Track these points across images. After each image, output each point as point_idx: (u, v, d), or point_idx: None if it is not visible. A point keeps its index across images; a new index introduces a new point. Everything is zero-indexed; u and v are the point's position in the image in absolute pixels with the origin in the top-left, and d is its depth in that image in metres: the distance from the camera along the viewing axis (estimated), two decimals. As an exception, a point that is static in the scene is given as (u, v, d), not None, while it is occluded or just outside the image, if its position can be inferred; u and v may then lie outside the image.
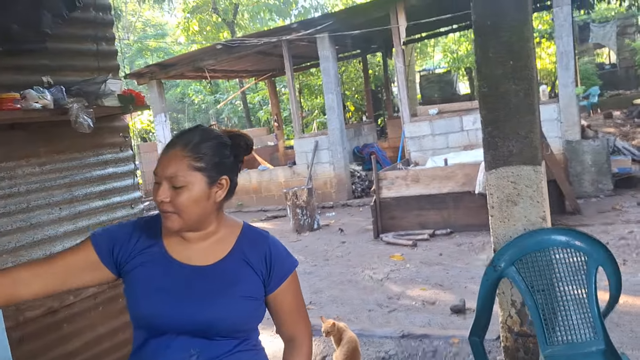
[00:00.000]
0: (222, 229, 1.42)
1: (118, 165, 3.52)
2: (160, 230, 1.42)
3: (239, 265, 1.38)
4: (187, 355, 1.31)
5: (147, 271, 1.37)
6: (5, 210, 2.80)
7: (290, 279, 1.44)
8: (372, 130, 14.33)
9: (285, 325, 1.47)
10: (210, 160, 1.33)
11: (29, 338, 2.80)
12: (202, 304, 1.32)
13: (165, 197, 1.30)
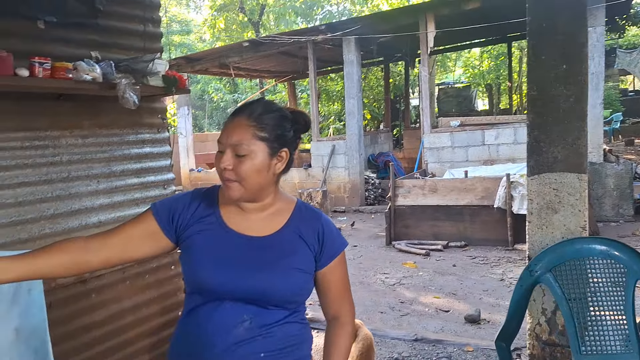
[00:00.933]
0: (277, 202, 1.46)
1: (155, 145, 3.58)
2: (218, 200, 1.46)
3: (294, 238, 1.42)
4: (241, 320, 1.35)
5: (205, 239, 1.40)
6: (47, 177, 2.85)
7: (340, 258, 1.48)
8: (388, 140, 14.37)
9: (331, 304, 1.50)
10: (272, 131, 1.35)
11: (58, 304, 2.83)
12: (258, 273, 1.36)
13: (229, 165, 1.34)
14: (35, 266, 1.29)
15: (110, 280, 3.20)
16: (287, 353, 1.40)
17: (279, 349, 1.38)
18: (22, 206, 2.70)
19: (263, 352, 1.36)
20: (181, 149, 13.07)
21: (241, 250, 1.38)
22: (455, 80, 22.65)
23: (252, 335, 1.35)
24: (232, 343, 1.34)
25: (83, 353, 2.98)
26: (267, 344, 1.36)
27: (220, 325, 1.35)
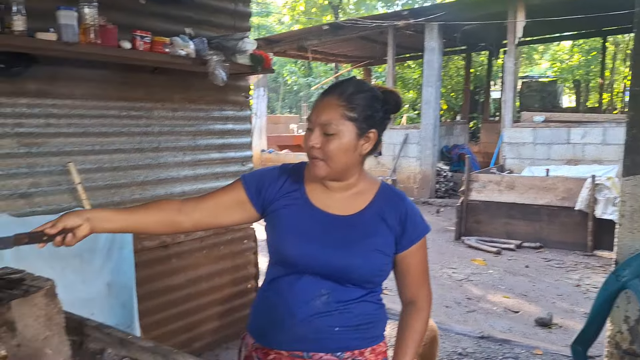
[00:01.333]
0: (361, 182, 1.46)
1: (237, 122, 3.70)
2: (304, 177, 1.48)
3: (376, 219, 1.42)
4: (319, 294, 1.38)
5: (290, 213, 1.43)
6: (140, 146, 3.02)
7: (421, 243, 1.46)
8: (464, 132, 13.97)
9: (408, 288, 1.49)
10: (362, 111, 1.35)
11: (142, 266, 3.01)
12: (340, 251, 1.38)
13: (316, 143, 1.34)
14: (134, 220, 1.39)
15: (189, 247, 3.38)
16: (362, 330, 1.42)
17: (355, 325, 1.40)
18: (117, 171, 2.89)
19: (338, 327, 1.38)
20: (254, 130, 13.38)
21: (324, 227, 1.41)
22: (540, 74, 21.60)
23: (329, 310, 1.38)
24: (310, 314, 1.37)
25: (162, 312, 3.17)
26: (343, 319, 1.39)
27: (300, 296, 1.39)
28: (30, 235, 1.22)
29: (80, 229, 1.29)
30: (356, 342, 1.41)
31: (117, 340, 1.32)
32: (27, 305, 1.22)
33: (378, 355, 1.46)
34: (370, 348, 1.44)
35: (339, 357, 1.40)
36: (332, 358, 1.39)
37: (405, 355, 1.45)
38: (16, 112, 2.40)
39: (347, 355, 1.40)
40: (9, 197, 2.37)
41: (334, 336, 1.38)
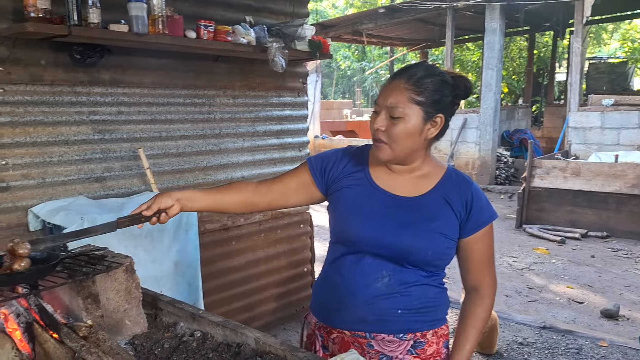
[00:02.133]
0: (426, 166, 1.45)
1: (294, 108, 3.75)
2: (368, 158, 1.49)
3: (440, 202, 1.41)
4: (380, 276, 1.39)
5: (353, 194, 1.45)
6: (203, 133, 3.14)
7: (487, 230, 1.43)
8: (526, 116, 13.47)
9: (472, 274, 1.47)
10: (430, 95, 1.33)
11: (205, 247, 3.13)
12: (402, 233, 1.37)
13: (382, 126, 1.34)
14: (217, 200, 1.48)
15: (248, 230, 3.49)
16: (423, 313, 1.43)
17: (416, 308, 1.41)
18: (182, 157, 3.02)
19: (400, 309, 1.40)
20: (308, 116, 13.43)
21: (387, 208, 1.41)
22: (609, 54, 20.44)
23: (390, 292, 1.39)
24: (372, 296, 1.39)
25: (223, 292, 3.30)
26: (405, 301, 1.40)
27: (361, 277, 1.40)
28: (130, 218, 1.32)
29: (172, 209, 1.38)
30: (417, 325, 1.42)
31: (188, 314, 1.40)
32: (109, 279, 1.33)
33: (440, 338, 1.47)
34: (432, 331, 1.45)
35: (400, 339, 1.41)
36: (394, 339, 1.41)
37: (467, 342, 1.44)
38: (91, 100, 2.55)
39: (408, 337, 1.41)
40: (85, 180, 2.54)
41: (396, 318, 1.40)
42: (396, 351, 1.42)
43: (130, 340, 1.34)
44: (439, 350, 1.46)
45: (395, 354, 1.42)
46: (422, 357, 1.43)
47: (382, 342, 1.41)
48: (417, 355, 1.43)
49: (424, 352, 1.43)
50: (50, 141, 2.42)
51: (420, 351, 1.43)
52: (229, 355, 1.23)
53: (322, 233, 6.92)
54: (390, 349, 1.42)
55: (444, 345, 1.48)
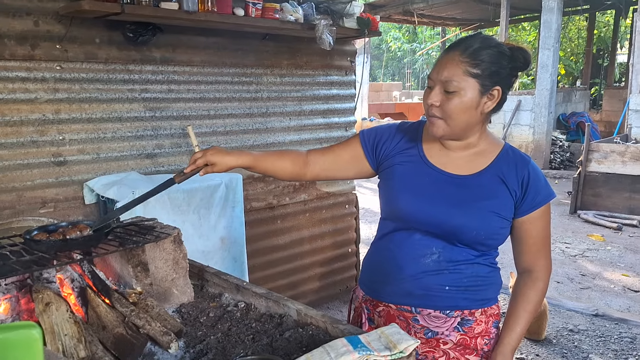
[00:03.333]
0: (482, 143, 1.40)
1: (341, 88, 3.73)
2: (422, 135, 1.46)
3: (495, 181, 1.36)
4: (429, 252, 1.37)
5: (405, 170, 1.43)
6: (250, 111, 3.17)
7: (543, 210, 1.37)
8: (584, 99, 12.89)
9: (525, 256, 1.42)
10: (486, 67, 1.28)
11: (250, 225, 3.18)
12: (454, 211, 1.35)
13: (436, 101, 1.30)
14: (265, 161, 1.48)
15: (293, 210, 3.51)
16: (472, 291, 1.40)
17: (465, 286, 1.39)
18: (229, 135, 3.06)
19: (448, 286, 1.38)
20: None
21: (439, 185, 1.38)
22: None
23: (439, 268, 1.37)
24: (420, 271, 1.38)
25: (267, 270, 3.36)
26: (454, 279, 1.38)
27: (410, 253, 1.39)
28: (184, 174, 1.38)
29: (219, 165, 1.39)
30: (466, 303, 1.40)
31: (233, 286, 1.43)
32: (158, 249, 1.37)
33: (489, 317, 1.43)
34: (481, 309, 1.42)
35: (447, 315, 1.40)
36: (440, 315, 1.40)
37: (517, 325, 1.40)
38: (143, 78, 2.62)
39: (455, 314, 1.40)
40: (137, 156, 2.62)
41: (443, 294, 1.38)
42: (442, 327, 1.40)
43: (177, 308, 1.39)
44: (487, 329, 1.43)
45: (441, 329, 1.40)
46: (469, 335, 1.41)
47: (428, 317, 1.40)
48: (464, 333, 1.41)
49: (471, 330, 1.41)
50: (105, 118, 2.50)
51: (468, 329, 1.41)
52: (272, 325, 1.25)
53: (367, 215, 6.90)
54: (436, 324, 1.40)
55: (493, 325, 1.44)
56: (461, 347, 1.41)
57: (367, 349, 1.04)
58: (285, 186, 3.40)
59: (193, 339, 1.22)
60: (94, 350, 1.08)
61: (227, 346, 1.18)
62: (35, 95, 2.31)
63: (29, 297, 1.17)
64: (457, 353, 1.41)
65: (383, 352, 1.04)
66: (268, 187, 3.31)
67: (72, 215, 2.40)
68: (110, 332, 1.17)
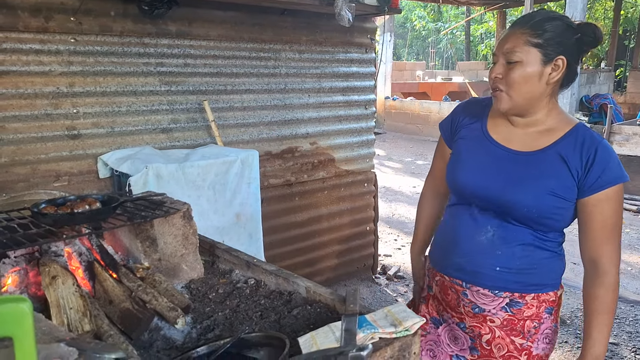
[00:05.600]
0: (550, 120, 1.35)
1: (361, 65, 3.65)
2: (488, 110, 1.45)
3: (555, 159, 1.31)
4: (485, 230, 1.37)
5: (466, 144, 1.44)
6: (268, 87, 3.12)
7: (611, 193, 1.28)
8: (609, 80, 12.55)
9: (589, 243, 1.32)
10: (549, 37, 1.26)
11: (268, 201, 3.17)
12: (508, 186, 1.32)
13: (499, 73, 1.30)
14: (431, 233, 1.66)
15: (311, 187, 3.48)
16: (525, 274, 1.35)
17: (517, 268, 1.35)
18: (246, 111, 3.02)
19: (499, 267, 1.35)
20: (379, 76, 13.13)
21: (497, 161, 1.36)
22: None
23: (492, 247, 1.36)
24: (473, 249, 1.38)
25: (285, 246, 3.35)
26: (505, 260, 1.35)
27: (466, 229, 1.40)
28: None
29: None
30: (516, 286, 1.36)
31: (244, 262, 1.41)
32: (167, 224, 1.35)
33: (542, 302, 1.38)
34: (534, 294, 1.37)
35: (495, 295, 1.37)
36: (488, 294, 1.38)
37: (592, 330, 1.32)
38: (158, 52, 2.58)
39: (504, 295, 1.37)
40: (152, 131, 2.60)
41: (493, 274, 1.36)
42: (489, 305, 1.39)
43: (186, 284, 1.37)
44: (538, 314, 1.38)
45: (488, 307, 1.39)
46: (517, 316, 1.38)
47: (477, 294, 1.39)
48: (513, 314, 1.38)
49: (520, 312, 1.38)
50: (119, 91, 2.48)
51: (517, 310, 1.38)
52: (280, 302, 1.23)
53: (388, 194, 6.86)
54: (484, 301, 1.39)
55: (545, 311, 1.39)
56: (508, 328, 1.39)
57: (372, 326, 1.02)
58: (303, 164, 3.37)
59: (201, 315, 1.21)
60: (100, 324, 1.07)
61: (235, 322, 1.16)
62: (49, 68, 2.29)
63: (37, 270, 1.16)
64: (503, 332, 1.39)
65: (388, 328, 1.02)
66: (286, 164, 3.28)
67: (87, 189, 2.40)
68: (117, 307, 1.15)
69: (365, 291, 3.73)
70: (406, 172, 8.34)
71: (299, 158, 3.33)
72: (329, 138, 3.49)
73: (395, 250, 4.71)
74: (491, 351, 1.41)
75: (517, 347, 1.39)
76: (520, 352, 1.39)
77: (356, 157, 3.68)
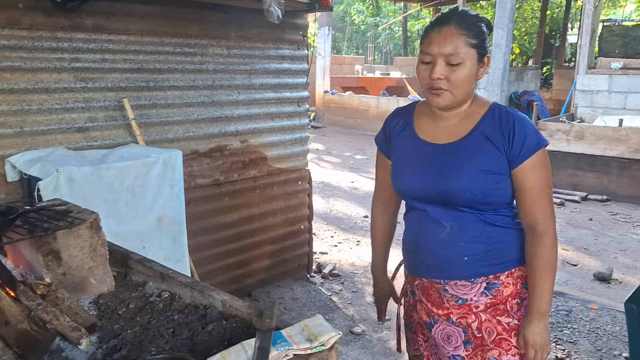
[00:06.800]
0: (473, 106, 1.45)
1: (293, 62, 3.61)
2: (413, 113, 1.55)
3: (480, 140, 1.41)
4: (442, 227, 1.44)
5: (400, 150, 1.53)
6: (194, 84, 3.02)
7: (536, 159, 1.38)
8: (536, 78, 13.15)
9: (525, 208, 1.41)
10: (482, 38, 1.37)
11: (195, 202, 3.08)
12: (443, 176, 1.41)
13: (442, 75, 1.35)
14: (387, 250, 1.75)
15: (242, 186, 3.41)
16: (492, 256, 1.43)
17: (483, 252, 1.42)
18: (171, 108, 2.90)
19: (466, 256, 1.42)
20: (318, 70, 13.10)
21: (430, 158, 1.45)
22: (624, 17, 19.75)
23: (453, 240, 1.42)
24: (436, 247, 1.45)
25: (214, 249, 3.26)
26: (469, 248, 1.42)
27: (425, 231, 1.47)
28: None
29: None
30: (487, 269, 1.43)
31: (158, 274, 1.35)
32: (72, 236, 1.26)
33: (517, 279, 1.46)
34: (506, 272, 1.45)
35: (472, 282, 1.44)
36: (465, 283, 1.45)
37: (536, 287, 1.40)
38: (73, 46, 2.43)
39: (480, 280, 1.44)
40: (67, 130, 2.45)
41: (463, 264, 1.43)
42: (469, 294, 1.45)
43: (95, 300, 1.29)
44: (517, 290, 1.46)
45: (469, 296, 1.45)
46: (498, 298, 1.45)
47: (455, 287, 1.46)
48: (493, 296, 1.45)
49: (500, 293, 1.45)
50: (29, 88, 2.32)
51: (496, 292, 1.44)
52: (195, 317, 1.18)
53: (326, 189, 6.88)
54: (464, 292, 1.45)
55: (523, 286, 1.46)
56: (492, 309, 1.45)
57: (287, 343, 0.99)
58: (233, 162, 3.29)
59: (108, 333, 1.14)
60: (-9, 349, 0.98)
61: (144, 341, 1.10)
62: (-52, 63, 2.11)
63: None
64: (489, 315, 1.45)
65: (304, 344, 1.00)
66: (215, 163, 3.19)
67: (-7, 194, 2.23)
68: (14, 328, 1.07)
69: (300, 291, 3.71)
70: (345, 167, 8.40)
71: (229, 157, 3.26)
72: (261, 136, 3.43)
73: (332, 247, 4.73)
74: (482, 338, 1.46)
75: (505, 327, 1.45)
76: (509, 332, 1.46)
77: (289, 155, 3.65)
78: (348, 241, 4.91)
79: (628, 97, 8.41)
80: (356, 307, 3.51)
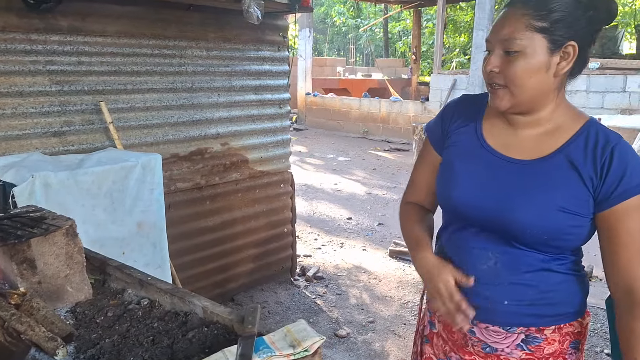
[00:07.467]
0: (559, 118, 1.13)
1: (274, 63, 3.59)
2: (484, 109, 1.23)
3: (563, 167, 1.10)
4: (485, 258, 1.15)
5: (456, 151, 1.22)
6: (173, 86, 2.98)
7: (635, 201, 1.05)
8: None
9: (619, 265, 1.08)
10: (556, 18, 1.04)
11: (177, 206, 3.05)
12: (507, 203, 1.10)
13: (496, 66, 1.08)
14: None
15: (224, 190, 3.37)
16: (540, 306, 1.15)
17: (530, 300, 1.14)
18: (150, 111, 2.86)
19: (507, 300, 1.14)
20: (299, 72, 13.12)
21: (493, 171, 1.15)
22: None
23: (496, 278, 1.14)
24: (474, 281, 1.15)
25: (196, 253, 3.22)
26: (514, 292, 1.14)
27: (463, 257, 1.19)
28: None
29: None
30: (530, 319, 1.15)
31: (137, 281, 1.31)
32: (47, 243, 1.22)
33: (565, 336, 1.18)
34: (554, 327, 1.17)
35: (507, 331, 1.17)
36: (499, 330, 1.18)
37: None
38: (48, 49, 2.38)
39: (518, 330, 1.17)
40: (42, 135, 2.39)
41: (501, 309, 1.15)
42: (501, 343, 1.18)
43: (72, 308, 1.25)
44: (562, 350, 1.18)
45: (501, 346, 1.18)
46: (537, 355, 1.17)
47: (486, 331, 1.19)
48: (531, 352, 1.17)
49: (539, 350, 1.17)
50: (3, 92, 2.26)
51: (535, 348, 1.17)
52: (175, 325, 1.15)
53: (309, 192, 6.86)
54: (495, 339, 1.19)
55: (570, 346, 1.19)
56: None
57: (269, 349, 0.97)
58: (214, 165, 3.26)
59: (85, 343, 1.10)
60: (-41, 364, 0.94)
61: (123, 350, 1.07)
62: None
63: None
64: None
65: (286, 350, 0.97)
66: (195, 167, 3.15)
67: (-34, 200, 2.17)
68: (-15, 341, 1.02)
69: (283, 294, 3.68)
70: (327, 169, 8.40)
71: (209, 160, 3.22)
72: (242, 138, 3.40)
73: (315, 250, 4.71)
74: None
75: None
76: None
77: (271, 158, 3.62)
78: (332, 243, 4.90)
79: (605, 96, 8.56)
80: (340, 310, 3.50)
